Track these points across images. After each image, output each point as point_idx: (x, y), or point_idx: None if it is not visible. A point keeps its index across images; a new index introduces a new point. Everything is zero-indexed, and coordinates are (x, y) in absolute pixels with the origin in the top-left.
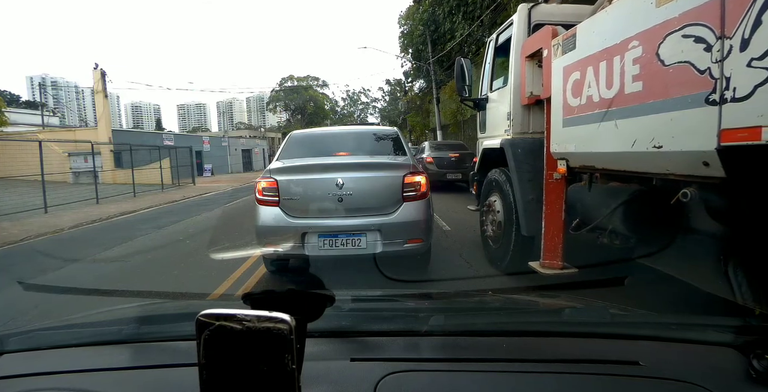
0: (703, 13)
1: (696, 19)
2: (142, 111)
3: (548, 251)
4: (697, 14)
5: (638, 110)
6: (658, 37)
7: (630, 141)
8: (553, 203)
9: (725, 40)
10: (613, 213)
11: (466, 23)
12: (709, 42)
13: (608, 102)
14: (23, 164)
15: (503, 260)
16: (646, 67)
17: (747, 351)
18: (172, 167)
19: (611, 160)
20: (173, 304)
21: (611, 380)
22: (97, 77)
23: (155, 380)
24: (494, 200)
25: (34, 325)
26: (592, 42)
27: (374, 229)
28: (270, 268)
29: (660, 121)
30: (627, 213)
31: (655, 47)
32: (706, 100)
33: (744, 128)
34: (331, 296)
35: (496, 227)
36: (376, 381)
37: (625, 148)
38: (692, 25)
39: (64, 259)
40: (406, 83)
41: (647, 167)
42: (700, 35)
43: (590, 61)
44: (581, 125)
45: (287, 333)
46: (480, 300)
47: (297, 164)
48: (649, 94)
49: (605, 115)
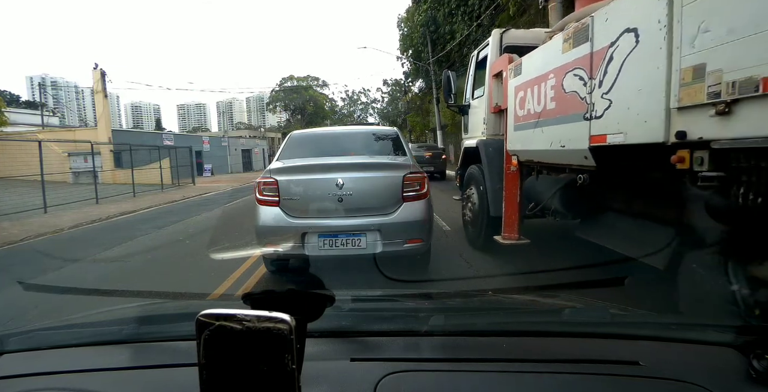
0: (583, 61)
1: (579, 65)
2: (142, 111)
3: (507, 227)
4: (579, 62)
5: (553, 121)
6: (562, 73)
7: (549, 142)
8: (510, 189)
9: (592, 80)
10: (552, 196)
11: (465, 24)
12: (585, 80)
13: (538, 115)
14: (23, 164)
15: (478, 238)
16: (557, 92)
17: (747, 351)
18: (172, 167)
19: (540, 155)
20: (173, 304)
21: (611, 380)
22: (97, 77)
23: (155, 380)
24: (472, 192)
25: (34, 325)
26: (530, 71)
27: (374, 229)
28: (270, 268)
29: (563, 129)
30: (560, 196)
31: (561, 80)
32: (583, 117)
33: (600, 135)
34: (331, 296)
35: (472, 213)
36: (376, 381)
37: (547, 147)
38: (577, 68)
39: (63, 259)
40: (406, 83)
41: (559, 160)
42: (581, 75)
43: (529, 85)
44: (524, 130)
45: (287, 333)
46: (480, 300)
47: (297, 164)
48: (558, 111)
49: (536, 124)
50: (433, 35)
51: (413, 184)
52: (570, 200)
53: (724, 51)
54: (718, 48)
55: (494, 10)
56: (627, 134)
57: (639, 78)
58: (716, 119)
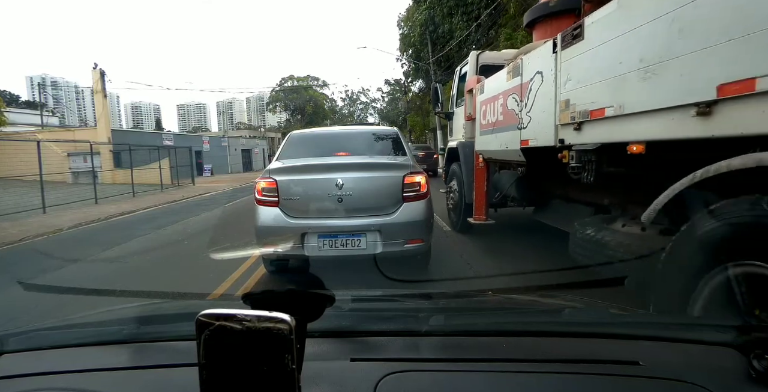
0: (516, 89)
1: (514, 91)
2: (142, 111)
3: (477, 210)
4: (515, 89)
5: (501, 130)
6: (506, 96)
7: (499, 144)
8: (479, 181)
9: (522, 102)
10: (509, 187)
11: (464, 24)
12: (518, 102)
13: (493, 124)
14: (22, 164)
15: (458, 221)
16: (503, 109)
17: (747, 351)
18: (172, 167)
19: (495, 154)
20: (173, 304)
21: (611, 380)
22: (96, 77)
23: (155, 380)
24: (453, 184)
25: (34, 325)
26: (489, 91)
27: (374, 229)
28: (269, 268)
29: (507, 135)
30: (515, 186)
31: (506, 100)
32: (517, 127)
33: (525, 140)
34: (331, 296)
35: (454, 202)
36: (376, 381)
37: (498, 148)
38: (514, 93)
39: (63, 259)
40: (406, 83)
41: (505, 158)
42: (516, 98)
43: (488, 101)
44: (485, 135)
45: (287, 333)
46: (480, 300)
47: (296, 164)
48: (504, 122)
49: (492, 130)
50: (432, 35)
51: (413, 184)
52: (522, 189)
53: (576, 93)
54: (574, 91)
55: (494, 9)
56: (537, 140)
57: (542, 104)
58: (574, 132)
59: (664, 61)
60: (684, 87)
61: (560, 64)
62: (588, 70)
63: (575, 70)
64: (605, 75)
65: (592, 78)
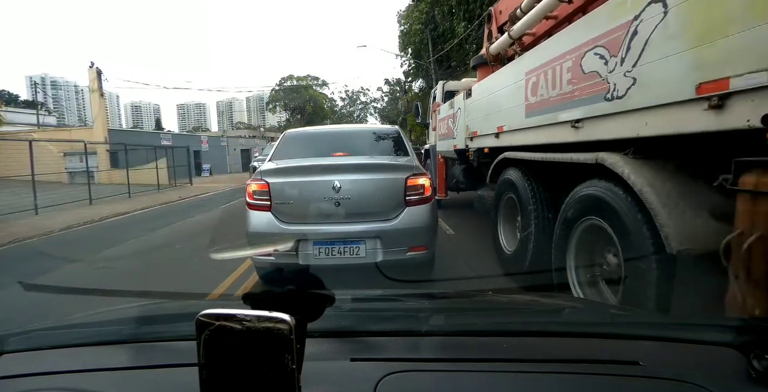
0: (452, 115)
1: (451, 116)
2: (141, 111)
3: (440, 190)
4: (452, 115)
5: (446, 138)
6: (449, 118)
7: (446, 147)
8: (440, 171)
9: (455, 123)
10: (458, 174)
11: (466, 22)
12: (453, 123)
13: (444, 135)
14: (18, 164)
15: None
16: (448, 126)
17: (747, 351)
18: (169, 167)
19: (445, 153)
20: (173, 304)
21: (611, 380)
22: (93, 76)
23: (155, 380)
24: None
25: (34, 325)
26: (441, 113)
27: (374, 236)
28: (262, 277)
29: (449, 142)
30: (461, 175)
31: (448, 121)
32: (452, 137)
33: (455, 145)
34: (331, 296)
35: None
36: (376, 381)
37: (446, 149)
38: (450, 117)
39: (50, 263)
40: (406, 83)
41: (450, 156)
42: (452, 120)
43: (442, 120)
44: (441, 141)
45: (287, 333)
46: (480, 300)
47: (291, 165)
48: (448, 134)
49: (443, 138)
50: (433, 33)
51: (417, 187)
52: (465, 177)
53: (470, 122)
54: (469, 121)
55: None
56: (459, 145)
57: (460, 125)
58: (470, 141)
59: (491, 113)
60: (494, 125)
61: (466, 105)
62: (473, 111)
63: (470, 110)
64: (477, 115)
65: (474, 115)
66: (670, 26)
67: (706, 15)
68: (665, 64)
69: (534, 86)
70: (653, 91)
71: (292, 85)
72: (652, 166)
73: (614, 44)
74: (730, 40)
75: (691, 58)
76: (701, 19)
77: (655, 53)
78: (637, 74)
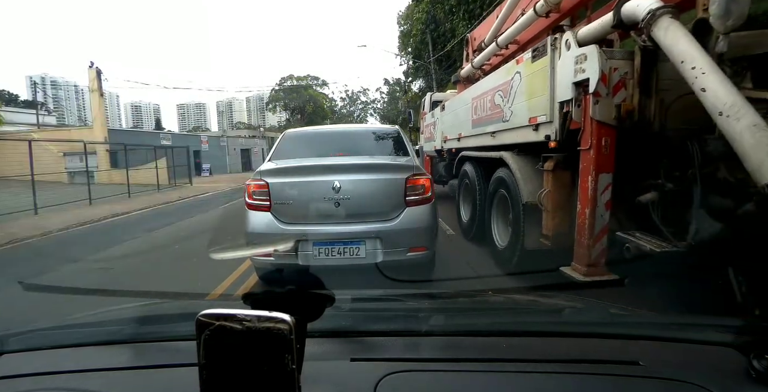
0: (433, 122)
1: (432, 123)
2: (141, 111)
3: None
4: (432, 123)
5: (429, 141)
6: (431, 125)
7: (430, 147)
8: (426, 167)
9: (434, 129)
10: (441, 170)
11: (466, 22)
12: (433, 128)
13: (428, 138)
14: (17, 164)
15: None
16: (430, 130)
17: (747, 351)
18: (169, 167)
19: (429, 153)
20: (173, 304)
21: (611, 380)
22: (93, 76)
23: (155, 380)
24: None
25: (34, 325)
26: (426, 120)
27: (374, 236)
28: (262, 277)
29: (431, 143)
30: (443, 170)
31: (431, 127)
32: (433, 140)
33: (435, 146)
34: (331, 296)
35: None
36: (376, 381)
37: (430, 149)
38: (432, 124)
39: (46, 265)
40: (406, 83)
41: (432, 154)
42: (433, 126)
43: (426, 125)
44: (426, 143)
45: (287, 333)
46: (480, 300)
47: (290, 165)
48: (430, 137)
49: (428, 141)
50: (433, 33)
51: (417, 187)
52: (445, 172)
53: (444, 128)
54: (443, 128)
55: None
56: (437, 146)
57: (439, 130)
58: (444, 144)
59: (455, 124)
60: (456, 132)
61: (441, 116)
62: (445, 121)
63: (443, 120)
64: (447, 124)
65: (447, 124)
66: (521, 87)
67: (531, 85)
68: (520, 105)
69: (476, 108)
70: (517, 119)
71: (292, 85)
72: (521, 158)
73: (505, 90)
74: (537, 100)
75: (527, 104)
76: (530, 86)
77: (517, 99)
78: (512, 109)
